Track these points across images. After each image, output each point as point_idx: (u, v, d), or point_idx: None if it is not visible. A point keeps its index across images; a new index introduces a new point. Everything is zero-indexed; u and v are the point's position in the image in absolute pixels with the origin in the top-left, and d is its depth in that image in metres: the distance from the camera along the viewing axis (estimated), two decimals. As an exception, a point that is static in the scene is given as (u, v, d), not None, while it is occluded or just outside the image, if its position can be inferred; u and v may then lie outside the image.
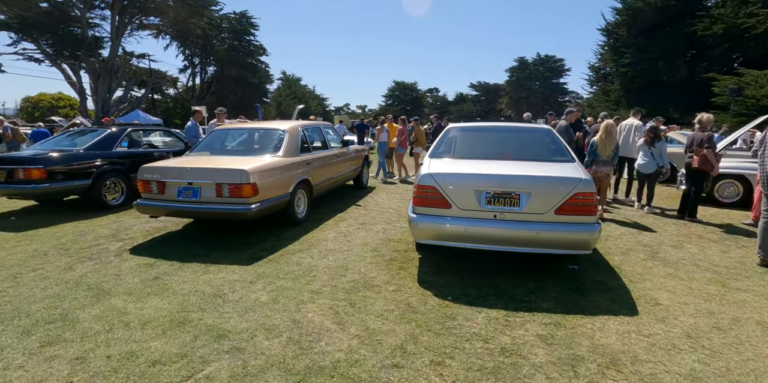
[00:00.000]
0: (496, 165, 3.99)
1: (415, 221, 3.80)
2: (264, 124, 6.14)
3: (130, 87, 26.91)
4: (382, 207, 6.82)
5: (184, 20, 27.74)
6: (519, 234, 3.62)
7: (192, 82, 36.09)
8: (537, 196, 3.60)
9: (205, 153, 5.53)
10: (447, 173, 3.76)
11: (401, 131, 10.25)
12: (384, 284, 3.67)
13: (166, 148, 8.03)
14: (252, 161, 4.80)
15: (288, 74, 53.75)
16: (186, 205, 4.55)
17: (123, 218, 6.09)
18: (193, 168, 4.56)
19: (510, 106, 58.38)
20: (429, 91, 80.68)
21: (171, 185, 4.64)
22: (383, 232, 5.33)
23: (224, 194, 4.46)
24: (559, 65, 56.10)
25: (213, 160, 5.10)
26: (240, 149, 5.55)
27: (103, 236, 5.15)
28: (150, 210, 4.78)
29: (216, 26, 33.85)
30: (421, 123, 11.12)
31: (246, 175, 4.40)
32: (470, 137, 4.80)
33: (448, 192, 3.72)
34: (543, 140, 4.66)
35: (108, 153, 6.71)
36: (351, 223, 5.75)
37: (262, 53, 38.48)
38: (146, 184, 4.74)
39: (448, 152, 4.49)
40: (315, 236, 5.11)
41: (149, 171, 4.73)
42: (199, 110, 7.60)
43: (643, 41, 27.94)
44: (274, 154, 5.20)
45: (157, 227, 5.56)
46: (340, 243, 4.83)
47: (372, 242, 4.90)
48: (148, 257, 4.32)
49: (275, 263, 4.15)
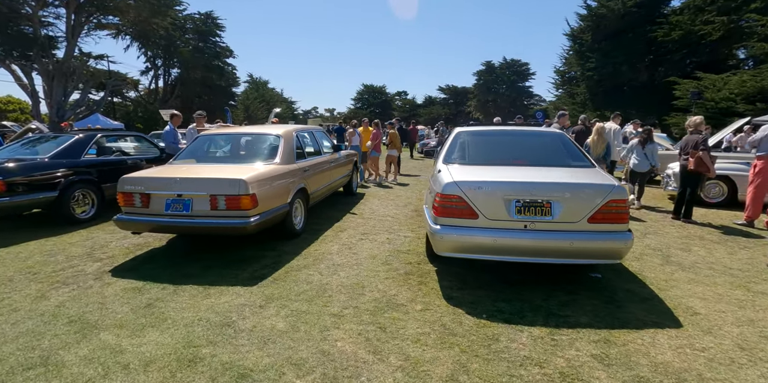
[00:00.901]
0: (521, 172, 3.78)
1: (439, 233, 3.51)
2: (254, 128, 5.70)
3: (88, 90, 25.34)
4: (379, 215, 6.49)
5: (145, 20, 26.46)
6: (552, 245, 3.40)
7: (155, 84, 34.51)
8: (569, 204, 3.40)
9: (191, 161, 5.05)
10: (474, 181, 3.49)
11: (375, 135, 10.21)
12: (409, 303, 3.35)
13: (140, 155, 7.40)
14: (248, 170, 4.38)
15: (255, 77, 52.59)
16: (175, 220, 4.08)
17: (96, 234, 5.49)
18: (184, 178, 4.09)
19: (478, 109, 59.39)
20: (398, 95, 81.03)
21: (157, 197, 4.16)
22: (389, 242, 5.01)
23: (220, 207, 4.02)
24: (525, 69, 57.61)
25: (204, 169, 4.63)
26: (231, 157, 5.09)
27: (77, 255, 4.57)
28: (132, 226, 4.27)
29: (180, 27, 32.52)
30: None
31: (244, 185, 3.98)
32: (482, 141, 4.57)
33: (476, 201, 3.46)
34: (557, 144, 4.49)
35: (76, 162, 6.07)
36: (352, 233, 5.39)
37: (228, 55, 37.30)
38: (128, 196, 4.23)
39: (462, 158, 4.23)
40: (317, 249, 4.73)
41: (131, 182, 4.22)
42: (177, 114, 7.03)
43: (607, 46, 28.91)
44: (270, 161, 4.79)
45: (138, 243, 5.02)
46: (346, 257, 4.47)
47: (380, 254, 4.57)
48: (133, 279, 3.82)
49: (282, 282, 3.75)
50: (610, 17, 28.48)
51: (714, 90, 21.27)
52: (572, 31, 32.82)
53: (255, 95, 45.09)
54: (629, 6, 27.70)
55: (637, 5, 27.64)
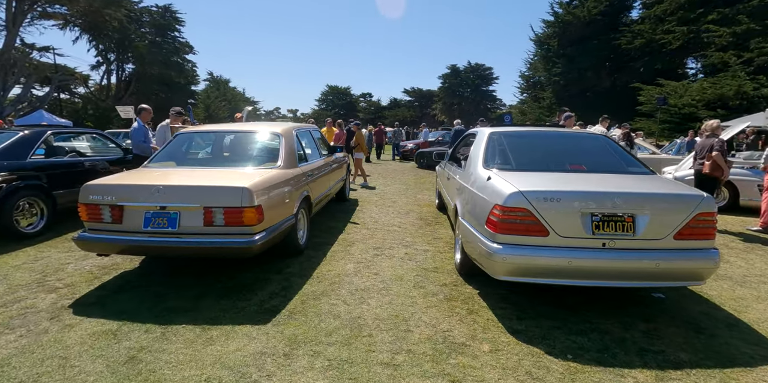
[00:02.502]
0: (591, 180, 3.22)
1: (501, 253, 2.87)
2: (245, 126, 4.85)
3: (31, 84, 23.04)
4: (384, 225, 5.79)
5: (97, 10, 24.48)
6: (635, 266, 2.86)
7: (107, 80, 32.04)
8: (656, 218, 2.86)
9: (170, 164, 4.16)
10: (545, 191, 2.88)
11: (338, 136, 9.57)
12: (472, 342, 2.69)
13: (99, 156, 6.33)
14: (248, 176, 3.58)
15: (216, 75, 50.35)
16: (158, 239, 3.21)
17: (47, 253, 4.47)
18: (169, 186, 3.24)
19: (443, 111, 59.80)
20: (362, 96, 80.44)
21: (133, 210, 3.27)
22: (409, 259, 4.33)
23: (217, 222, 3.20)
24: (488, 73, 58.52)
25: (191, 174, 3.77)
26: (220, 159, 4.22)
27: (24, 284, 3.59)
28: (100, 246, 3.36)
29: (135, 19, 30.41)
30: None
31: (248, 195, 3.18)
32: (525, 144, 3.99)
33: (546, 215, 2.85)
34: (606, 148, 3.99)
35: (21, 164, 4.98)
36: (363, 248, 4.66)
37: (188, 51, 35.33)
38: (94, 209, 3.31)
39: (507, 163, 3.63)
40: (330, 269, 3.97)
41: (98, 191, 3.31)
42: (146, 108, 6.01)
43: (573, 52, 29.58)
44: (271, 165, 3.99)
45: (103, 264, 4.07)
46: (368, 279, 3.75)
47: (406, 274, 3.88)
48: (104, 318, 2.94)
49: (302, 316, 2.99)
50: (576, 24, 29.15)
51: (676, 96, 22.03)
52: (539, 37, 33.42)
53: (216, 94, 43.07)
54: (594, 14, 28.44)
55: (601, 13, 28.44)
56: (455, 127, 12.82)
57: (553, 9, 30.72)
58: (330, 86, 76.49)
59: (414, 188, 9.68)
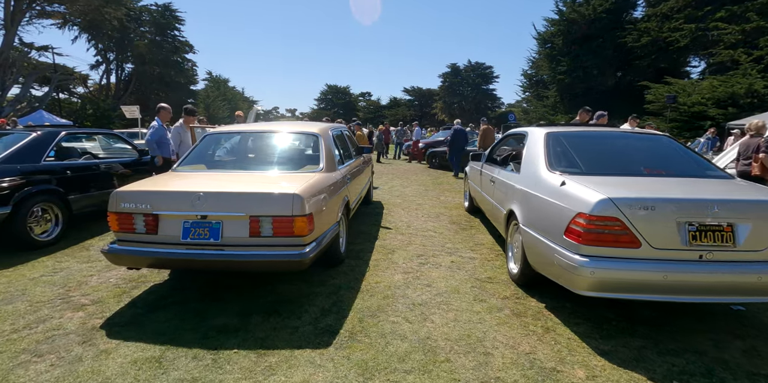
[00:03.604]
0: (682, 186, 2.94)
1: (588, 267, 2.58)
2: (278, 125, 4.52)
3: (30, 84, 22.61)
4: (418, 229, 5.49)
5: (96, 9, 24.09)
6: (735, 280, 2.57)
7: (106, 80, 31.60)
8: (757, 227, 2.58)
9: (200, 167, 3.84)
10: (638, 199, 2.58)
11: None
12: (563, 367, 2.39)
13: (114, 158, 6.00)
14: (294, 180, 3.26)
15: (215, 75, 49.91)
16: (198, 251, 2.89)
17: (65, 263, 4.15)
18: (211, 193, 2.92)
19: (443, 110, 59.57)
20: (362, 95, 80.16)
21: (170, 219, 2.96)
22: (458, 268, 4.03)
23: (264, 233, 2.88)
24: (489, 72, 58.27)
25: (231, 179, 3.45)
26: (256, 162, 3.86)
27: (47, 300, 3.27)
28: (132, 260, 3.04)
29: (135, 18, 30.00)
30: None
31: (299, 202, 2.87)
32: (586, 146, 3.69)
33: (639, 225, 2.56)
34: (675, 149, 3.70)
35: (35, 167, 4.65)
36: (405, 256, 4.36)
37: (188, 50, 34.93)
38: (125, 218, 2.99)
39: (574, 167, 3.33)
40: (378, 280, 3.67)
41: (131, 198, 2.99)
42: (165, 107, 5.69)
43: (578, 50, 29.33)
44: (313, 168, 3.67)
45: (129, 276, 3.76)
46: (422, 291, 3.45)
47: (461, 286, 3.58)
48: (143, 341, 2.62)
49: (365, 337, 2.68)
50: (581, 22, 28.92)
51: (684, 95, 21.80)
52: (542, 35, 33.15)
53: (216, 94, 42.65)
54: (599, 12, 28.19)
55: (606, 11, 28.19)
56: (454, 126, 12.57)
57: (557, 7, 30.49)
58: (329, 85, 76.30)
59: (433, 189, 9.38)
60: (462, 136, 11.82)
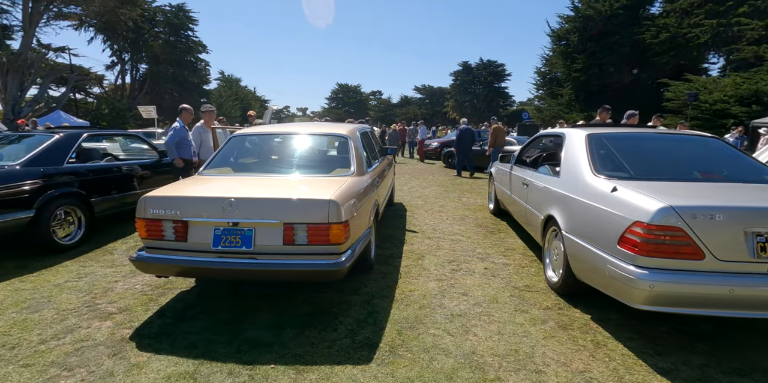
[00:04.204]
0: (746, 192, 2.74)
1: (647, 280, 2.40)
2: (303, 127, 4.39)
3: (47, 85, 22.89)
4: (444, 233, 5.33)
5: (112, 10, 24.27)
6: (808, 294, 2.37)
7: (121, 80, 31.91)
8: (831, 236, 2.37)
9: (226, 170, 3.73)
10: (702, 207, 2.40)
11: None
12: (624, 390, 2.22)
13: (135, 160, 5.94)
14: (325, 184, 3.13)
15: (227, 74, 50.21)
16: (230, 260, 2.78)
17: (89, 268, 4.07)
18: (243, 199, 2.80)
19: (455, 109, 59.21)
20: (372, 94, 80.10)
21: (200, 226, 2.84)
22: (492, 275, 3.87)
23: (299, 241, 2.75)
24: (501, 70, 57.71)
25: (262, 183, 3.33)
26: (284, 166, 3.73)
27: (73, 308, 3.18)
28: (160, 268, 2.93)
29: (149, 19, 30.21)
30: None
31: (336, 208, 2.74)
32: (632, 148, 3.50)
33: (703, 235, 2.37)
34: (728, 152, 3.49)
35: (58, 169, 4.59)
36: (435, 262, 4.21)
37: (201, 50, 35.11)
38: (154, 225, 2.89)
39: (621, 171, 3.14)
40: (411, 288, 3.52)
41: (160, 204, 2.88)
42: (187, 108, 5.60)
43: (593, 47, 28.81)
44: (343, 172, 3.53)
45: (155, 282, 3.66)
46: (459, 301, 3.29)
47: (500, 295, 3.42)
48: (175, 354, 2.51)
49: (407, 352, 2.54)
50: (597, 19, 28.39)
51: (706, 92, 21.26)
52: (556, 32, 32.65)
53: (228, 93, 42.86)
54: (616, 8, 27.65)
55: (623, 7, 27.64)
56: (461, 126, 12.48)
57: (573, 3, 29.96)
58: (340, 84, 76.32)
59: (453, 190, 9.20)
60: (468, 135, 11.76)
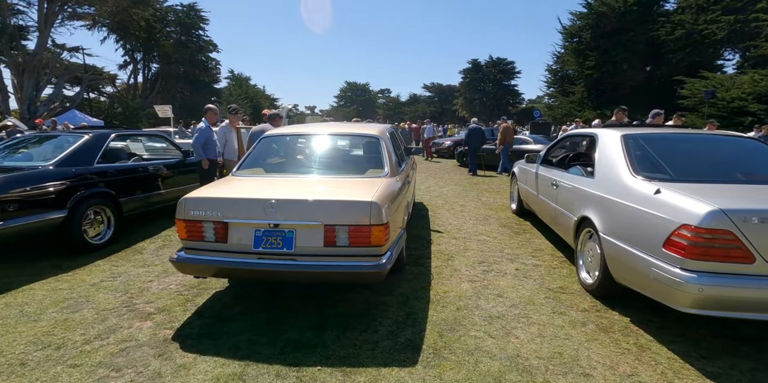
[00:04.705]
0: None
1: (696, 283, 2.36)
2: (332, 127, 4.39)
3: (62, 84, 23.16)
4: (469, 233, 5.31)
5: (125, 10, 24.48)
6: None
7: (134, 79, 32.20)
8: None
9: (258, 171, 3.74)
10: (754, 210, 2.36)
11: None
12: (677, 396, 2.19)
13: (159, 158, 5.99)
14: (362, 186, 3.13)
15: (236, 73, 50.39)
16: (270, 261, 2.78)
17: (122, 267, 4.11)
18: (284, 200, 2.80)
19: (464, 107, 58.97)
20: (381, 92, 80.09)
21: (240, 228, 2.85)
22: (524, 276, 3.85)
23: (340, 242, 2.75)
24: (510, 67, 57.30)
25: (298, 184, 3.33)
26: (318, 167, 3.71)
27: (112, 308, 3.22)
28: (200, 269, 2.95)
29: (161, 19, 30.43)
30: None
31: (377, 210, 2.73)
32: (669, 149, 3.45)
33: (754, 239, 2.33)
34: (765, 152, 3.43)
35: (88, 170, 4.64)
36: (465, 262, 4.19)
37: (212, 50, 35.30)
38: (194, 226, 2.90)
39: (660, 172, 3.10)
40: (445, 289, 3.51)
41: (201, 205, 2.90)
42: (212, 108, 5.63)
43: (606, 44, 28.49)
44: (377, 172, 3.52)
45: (189, 282, 3.69)
46: (494, 302, 3.28)
47: (535, 297, 3.40)
48: (220, 355, 2.53)
49: (451, 354, 2.53)
50: (611, 15, 28.06)
51: (723, 89, 20.94)
52: (568, 29, 32.33)
53: (239, 92, 43.04)
54: (630, 4, 27.30)
55: (637, 3, 27.29)
56: (470, 125, 12.52)
57: (586, 0, 29.60)
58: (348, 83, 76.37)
59: (470, 189, 9.17)
60: (478, 135, 11.80)
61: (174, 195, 5.88)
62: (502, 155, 11.61)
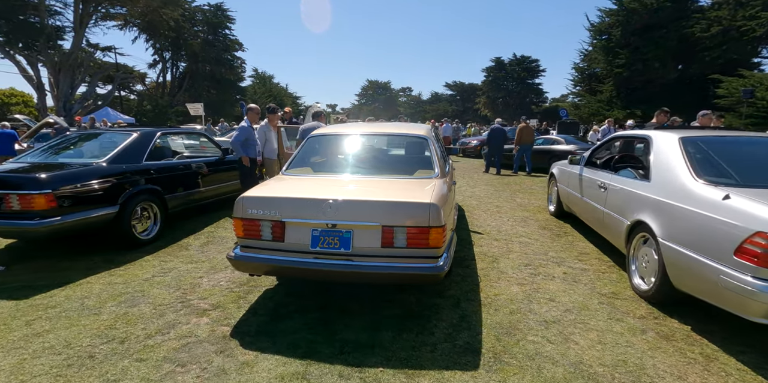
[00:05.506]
0: None
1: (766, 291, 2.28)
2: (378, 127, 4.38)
3: (95, 82, 23.87)
4: (509, 234, 5.25)
5: (155, 10, 25.03)
6: None
7: (163, 78, 32.97)
8: None
9: (306, 170, 3.76)
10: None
11: None
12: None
13: (200, 156, 6.10)
14: (417, 187, 3.12)
15: (260, 71, 51.01)
16: (327, 261, 2.80)
17: (171, 263, 4.21)
18: (342, 201, 2.81)
19: (487, 106, 58.34)
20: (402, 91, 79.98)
21: (298, 227, 2.87)
22: (573, 280, 3.77)
23: (397, 244, 2.75)
24: (535, 66, 56.40)
25: (356, 185, 3.34)
26: (363, 166, 3.75)
27: (168, 303, 3.29)
28: (258, 267, 2.99)
29: (189, 18, 31.02)
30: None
31: (436, 212, 2.71)
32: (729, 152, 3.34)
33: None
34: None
35: (137, 167, 4.77)
36: (511, 265, 4.14)
37: (238, 48, 35.82)
38: (252, 225, 2.94)
39: (725, 177, 2.99)
40: (495, 292, 3.48)
41: (259, 204, 2.93)
42: (253, 108, 5.70)
43: (637, 41, 27.74)
44: (428, 173, 3.50)
45: (238, 279, 3.75)
46: (548, 307, 3.23)
47: (588, 302, 3.33)
48: (280, 354, 2.55)
49: (512, 359, 2.49)
50: (642, 12, 27.30)
51: (762, 88, 20.15)
52: (597, 26, 31.61)
53: (263, 90, 43.59)
54: (663, 0, 26.49)
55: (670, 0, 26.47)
56: (492, 125, 12.46)
57: (616, -4, 28.88)
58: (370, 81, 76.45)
59: (503, 189, 9.07)
60: (499, 135, 11.82)
61: (213, 193, 5.99)
62: (517, 155, 11.70)
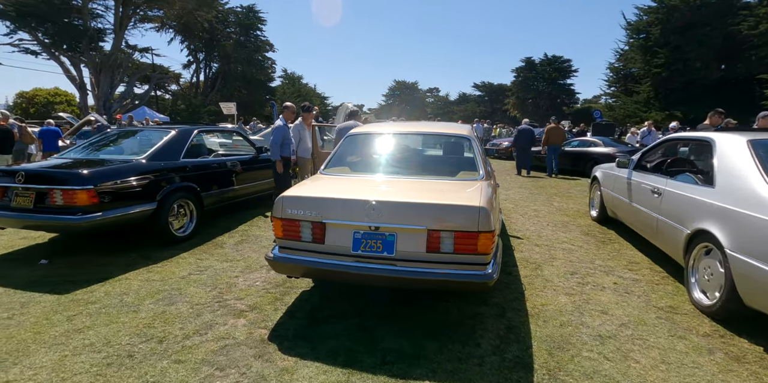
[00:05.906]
0: None
1: None
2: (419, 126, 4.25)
3: (133, 82, 24.67)
4: (550, 240, 5.01)
5: (190, 12, 25.67)
6: None
7: (196, 78, 33.81)
8: None
9: (344, 170, 3.65)
10: None
11: None
12: None
13: (234, 154, 6.11)
14: (464, 189, 2.97)
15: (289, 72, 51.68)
16: (369, 265, 2.68)
17: (206, 261, 4.19)
18: (386, 202, 2.69)
19: (516, 106, 57.32)
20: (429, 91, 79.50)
21: (339, 229, 2.77)
22: (626, 292, 3.53)
23: (444, 249, 2.60)
24: (567, 66, 55.02)
25: (397, 186, 3.21)
26: (404, 167, 3.62)
27: (205, 302, 3.25)
28: (295, 269, 2.90)
29: (222, 20, 31.71)
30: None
31: (486, 216, 2.56)
32: None
33: None
34: None
35: (175, 164, 4.79)
36: (555, 273, 3.93)
37: (268, 49, 36.38)
38: (291, 225, 2.85)
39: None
40: (542, 302, 3.28)
41: (299, 204, 2.84)
42: (289, 106, 5.68)
43: (678, 40, 26.60)
44: (472, 175, 3.33)
45: (274, 280, 3.68)
46: (601, 320, 3.01)
47: (644, 316, 3.09)
48: (320, 361, 2.45)
49: (567, 376, 2.31)
50: (684, 9, 26.16)
51: (817, 90, 18.94)
52: (634, 25, 30.52)
53: (292, 90, 44.12)
54: (708, -4, 25.30)
55: (716, -5, 25.25)
56: (519, 126, 12.31)
57: (656, -7, 27.78)
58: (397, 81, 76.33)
59: (538, 192, 8.77)
60: (526, 136, 11.67)
61: (247, 191, 5.99)
62: (548, 155, 11.48)
